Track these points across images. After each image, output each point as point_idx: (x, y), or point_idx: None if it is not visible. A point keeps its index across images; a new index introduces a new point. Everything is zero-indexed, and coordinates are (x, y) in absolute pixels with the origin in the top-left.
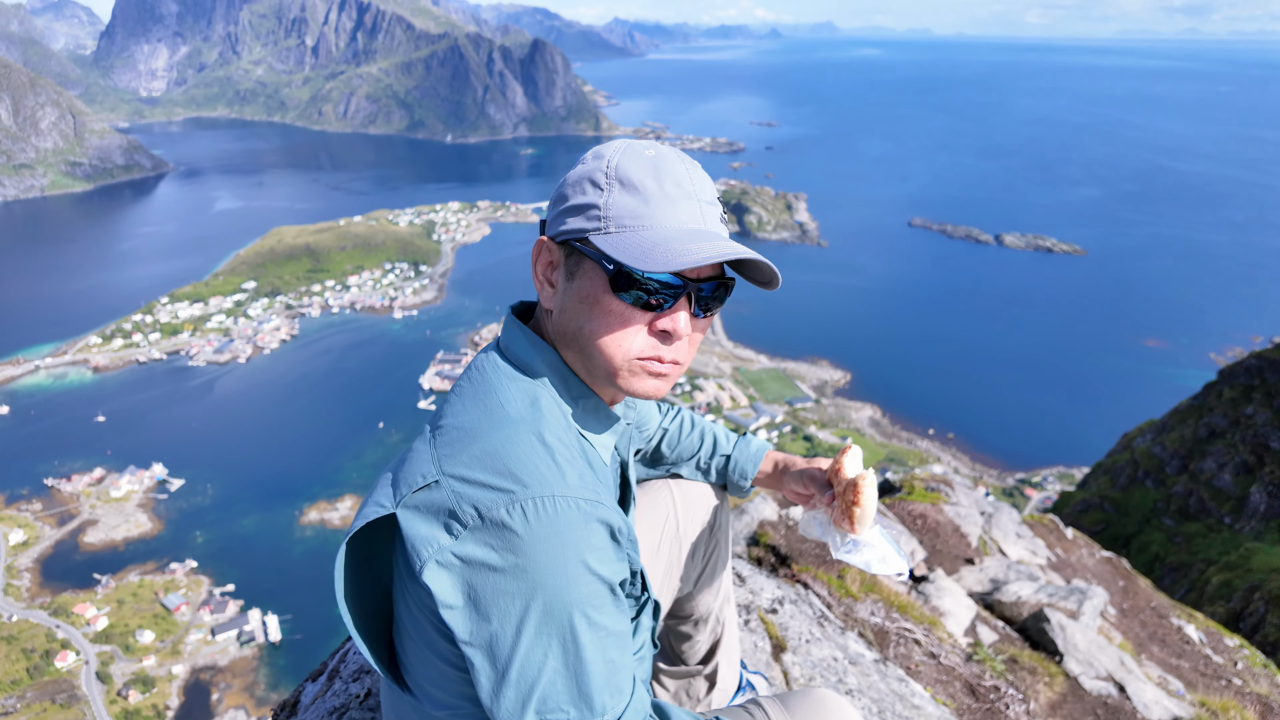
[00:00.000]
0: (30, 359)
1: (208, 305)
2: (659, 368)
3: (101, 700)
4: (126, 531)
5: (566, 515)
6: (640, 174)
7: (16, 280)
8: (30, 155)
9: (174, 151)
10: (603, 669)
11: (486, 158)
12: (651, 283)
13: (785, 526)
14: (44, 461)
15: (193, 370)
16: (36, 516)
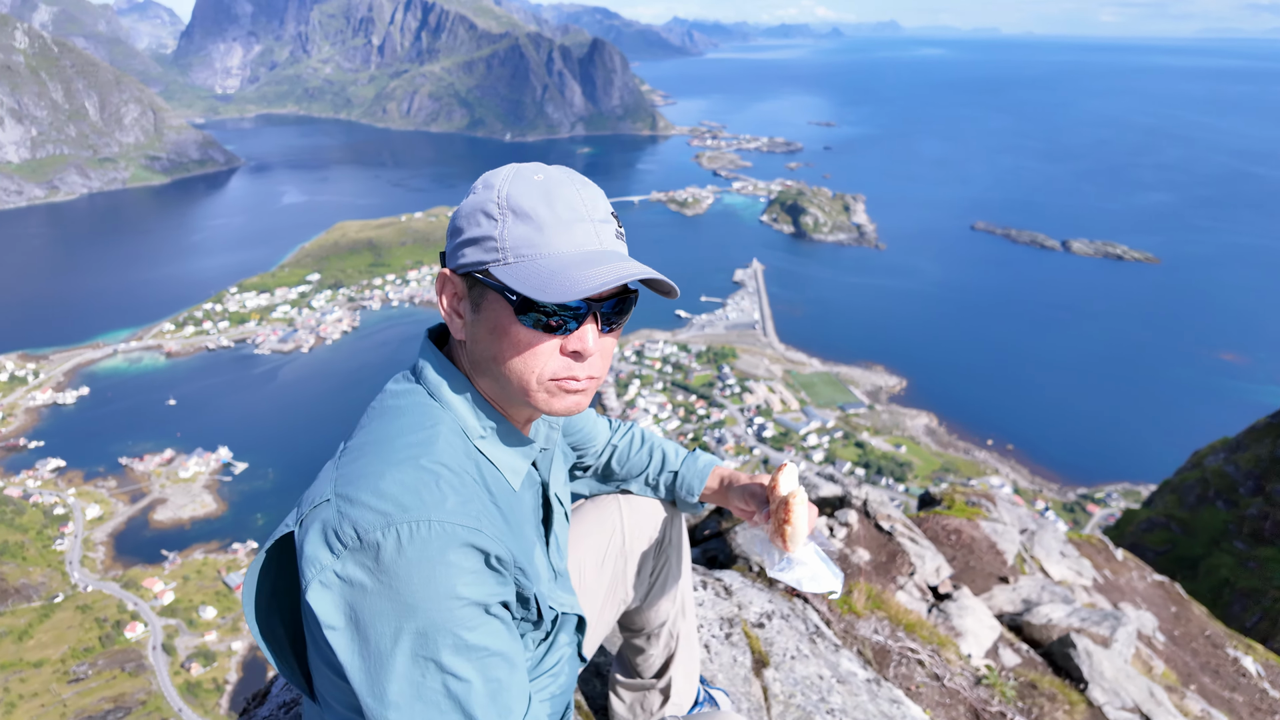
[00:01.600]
0: (109, 343)
1: (274, 296)
2: (575, 385)
3: (166, 671)
4: (193, 511)
5: (439, 540)
6: (531, 201)
7: (98, 268)
8: (114, 149)
9: (245, 147)
10: (484, 688)
11: (543, 156)
12: (550, 307)
13: None
14: (119, 441)
15: (258, 358)
16: (111, 493)
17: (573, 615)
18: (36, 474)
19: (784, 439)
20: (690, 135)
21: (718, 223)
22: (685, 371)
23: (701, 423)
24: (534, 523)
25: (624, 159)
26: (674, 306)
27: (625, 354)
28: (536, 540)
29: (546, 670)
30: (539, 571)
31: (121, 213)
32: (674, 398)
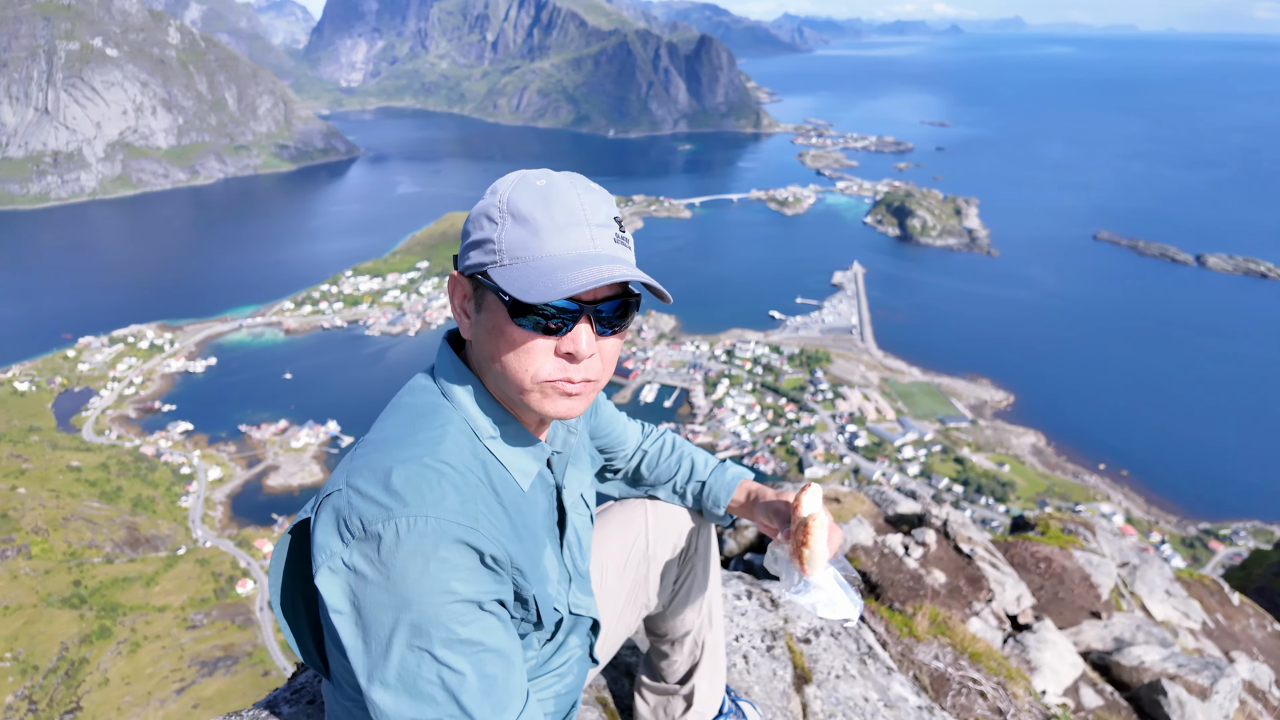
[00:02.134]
0: (236, 318)
1: (385, 280)
2: (570, 388)
3: (270, 628)
4: (302, 479)
5: (434, 536)
6: (529, 206)
7: (229, 248)
8: (248, 138)
9: (365, 138)
10: (478, 683)
11: (644, 153)
12: (548, 309)
13: (880, 553)
14: (240, 409)
15: (368, 339)
16: (231, 458)
17: (587, 618)
18: (168, 435)
19: (877, 449)
20: (794, 133)
21: (818, 223)
22: (776, 374)
23: (790, 427)
24: (546, 524)
25: (725, 156)
26: (767, 307)
27: (715, 353)
28: (548, 541)
29: (552, 670)
30: (547, 573)
31: (252, 197)
32: (763, 400)
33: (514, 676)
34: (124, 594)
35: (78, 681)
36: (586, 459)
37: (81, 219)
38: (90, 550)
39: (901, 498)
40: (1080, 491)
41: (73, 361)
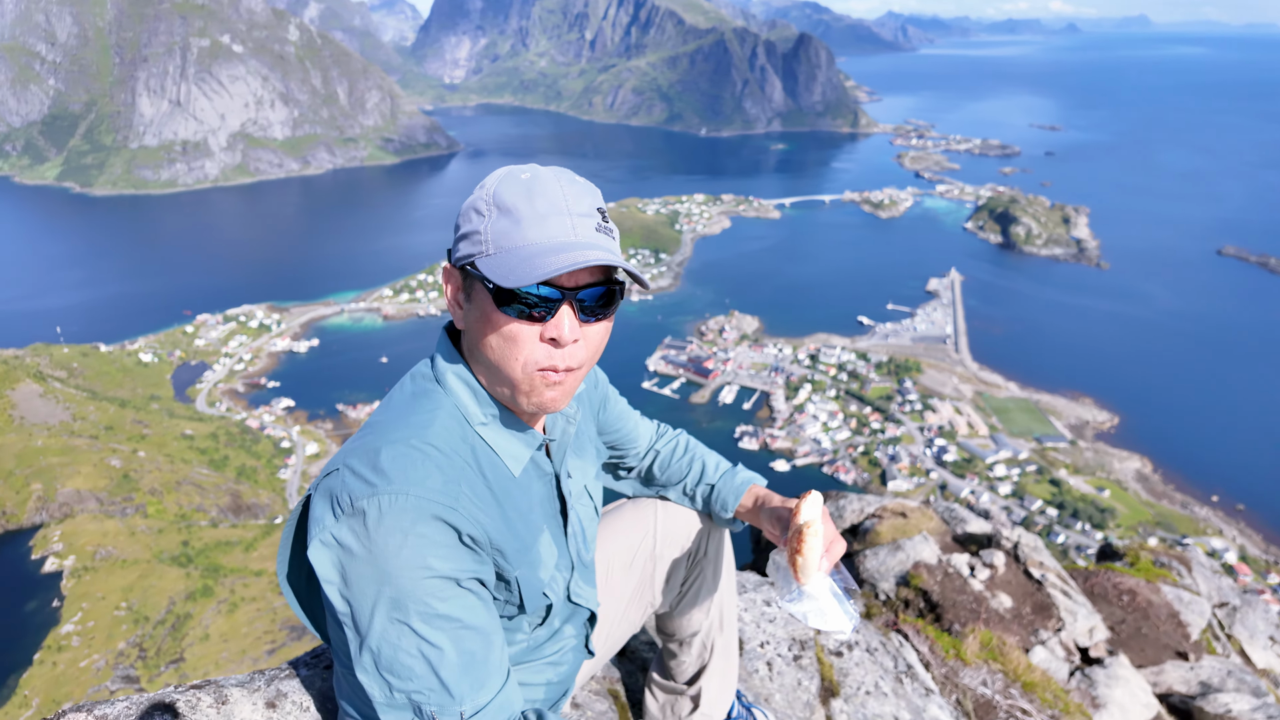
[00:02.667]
0: (338, 302)
1: None
2: (555, 377)
3: None
4: None
5: (413, 512)
6: (514, 197)
7: (335, 236)
8: (356, 131)
9: (465, 133)
10: (457, 659)
11: (735, 152)
12: (530, 296)
13: (943, 572)
14: (338, 389)
15: None
16: (327, 434)
17: (585, 609)
18: (271, 410)
19: (967, 466)
20: (893, 134)
21: (915, 227)
22: (862, 381)
23: (875, 437)
24: (544, 511)
25: (819, 156)
26: (856, 312)
27: (798, 357)
28: (545, 528)
29: (545, 656)
30: (541, 558)
31: (358, 188)
32: (846, 407)
33: (493, 655)
34: (226, 556)
35: (182, 634)
36: (592, 451)
37: (204, 204)
38: (198, 513)
39: (972, 516)
40: (1188, 523)
41: (190, 337)
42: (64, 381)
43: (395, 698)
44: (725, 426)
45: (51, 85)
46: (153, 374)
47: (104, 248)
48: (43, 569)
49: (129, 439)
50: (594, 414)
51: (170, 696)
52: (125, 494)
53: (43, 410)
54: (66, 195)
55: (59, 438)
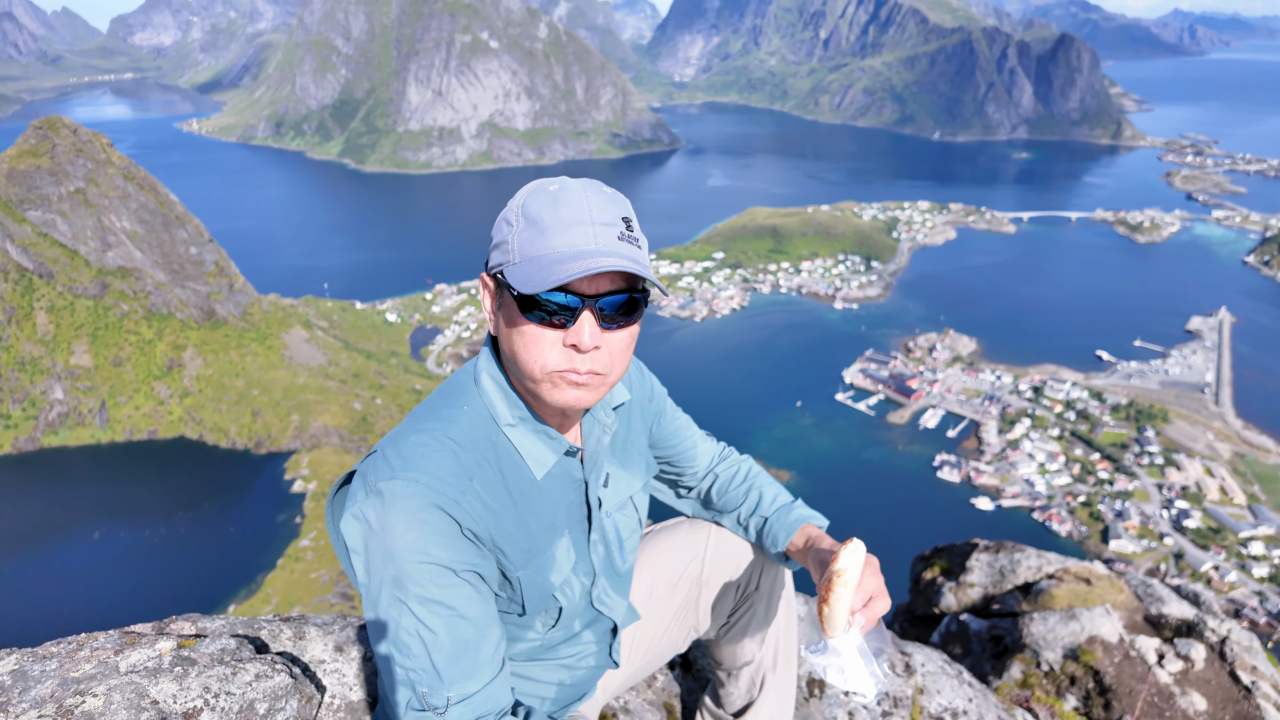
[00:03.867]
0: None
1: (682, 267)
2: (576, 378)
3: None
4: None
5: (419, 499)
6: (540, 208)
7: None
8: (588, 125)
9: (687, 130)
10: (450, 645)
11: (971, 158)
12: (550, 303)
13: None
14: None
15: (660, 319)
16: None
17: (608, 618)
18: None
19: (1213, 536)
20: (1164, 149)
21: (1180, 256)
22: (1093, 423)
23: (1100, 487)
24: (570, 516)
25: (1068, 169)
26: (1095, 345)
27: (1019, 387)
28: (567, 533)
29: (559, 658)
30: (555, 561)
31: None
32: (1070, 450)
33: (485, 648)
34: None
35: None
36: (640, 464)
37: (452, 185)
38: None
39: (1173, 596)
40: None
41: (429, 303)
42: (325, 331)
43: (395, 671)
44: (923, 453)
45: (343, 74)
46: (395, 332)
47: (368, 218)
48: (291, 488)
49: (370, 387)
50: (646, 427)
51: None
52: (362, 434)
53: (306, 353)
54: (344, 170)
55: (316, 378)
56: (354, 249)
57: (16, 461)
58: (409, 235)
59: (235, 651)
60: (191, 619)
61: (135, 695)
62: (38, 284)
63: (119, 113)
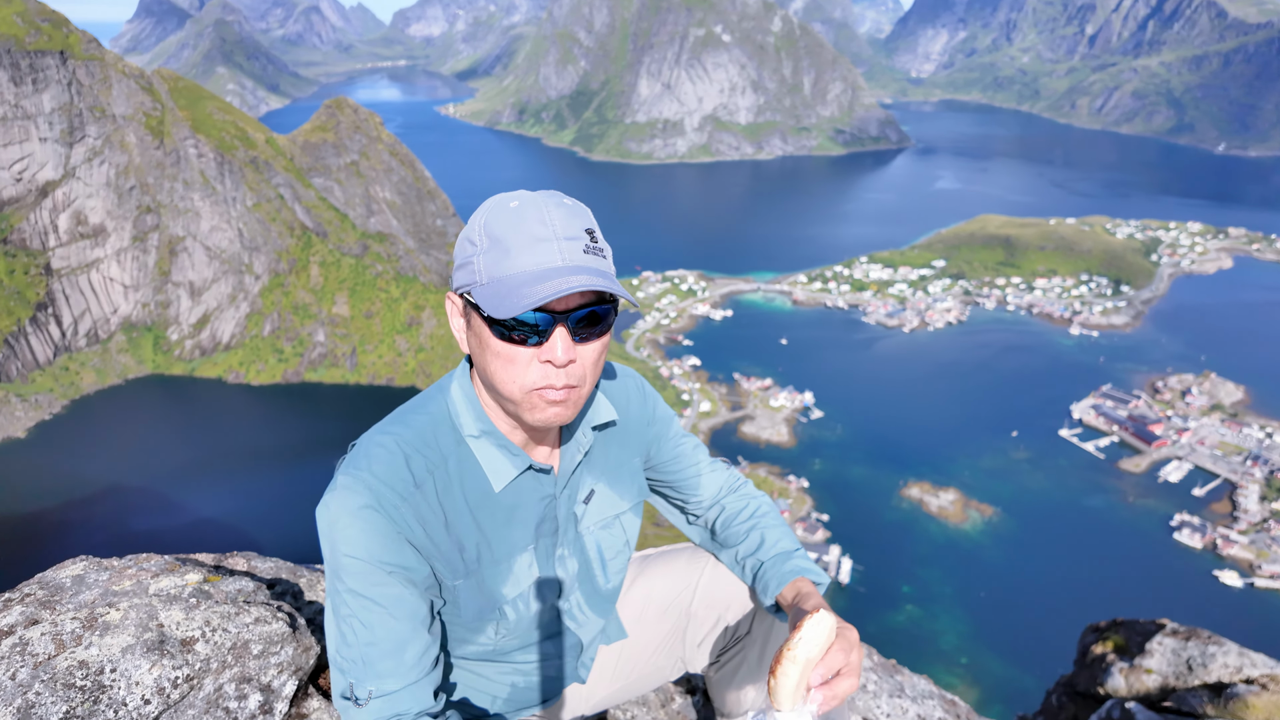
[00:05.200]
0: (756, 280)
1: (895, 272)
2: (554, 395)
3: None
4: (769, 435)
5: (358, 496)
6: (502, 227)
7: (768, 218)
8: (812, 120)
9: (919, 129)
10: (376, 641)
11: (1263, 177)
12: (523, 323)
13: None
14: (739, 359)
15: (863, 325)
16: (721, 398)
17: (573, 633)
18: (681, 364)
19: None
20: None
21: None
22: None
23: None
24: (535, 531)
25: None
26: None
27: None
28: (531, 547)
29: (513, 662)
30: (511, 573)
31: (800, 175)
32: None
33: (412, 649)
34: None
35: None
36: (631, 485)
37: (669, 177)
38: None
39: None
40: None
41: (634, 289)
42: None
43: (334, 656)
44: (1158, 508)
45: (582, 66)
46: None
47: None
48: None
49: None
50: (643, 450)
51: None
52: None
53: None
54: (573, 158)
55: None
56: None
57: (285, 390)
58: (623, 222)
59: (250, 594)
60: (247, 556)
61: (147, 616)
62: (314, 241)
63: (391, 95)
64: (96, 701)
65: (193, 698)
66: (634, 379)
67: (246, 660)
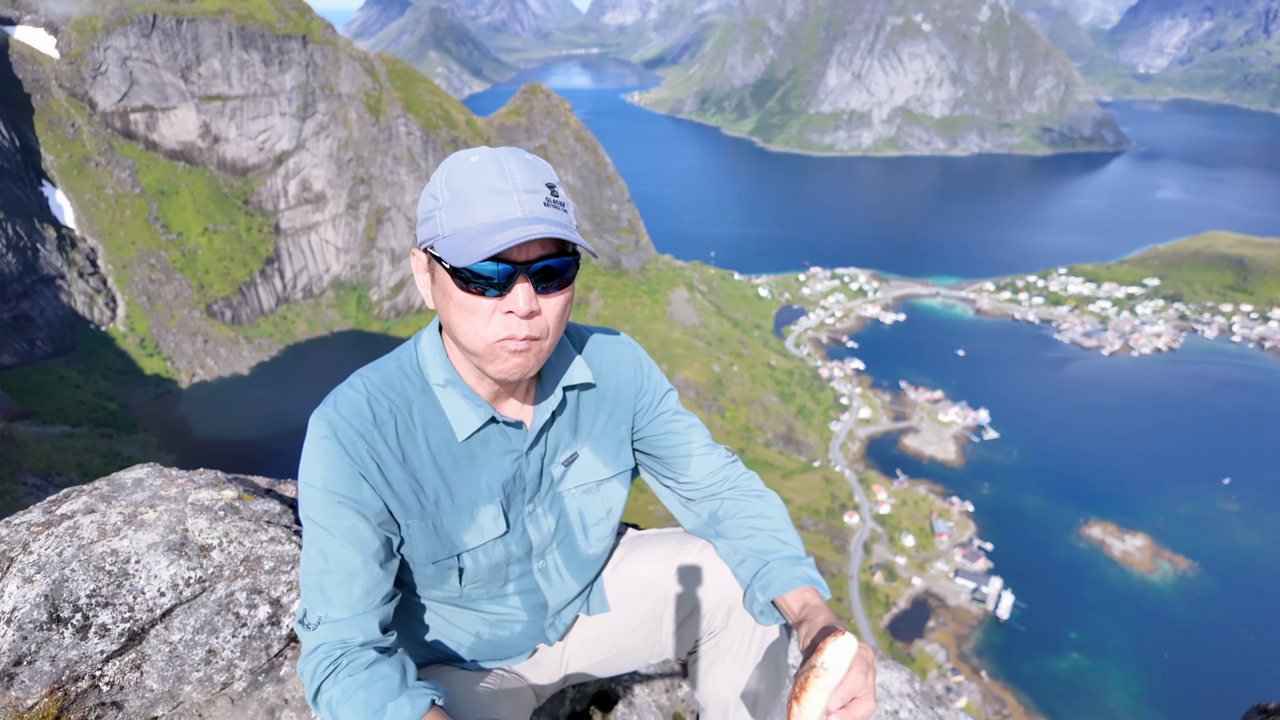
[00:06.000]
0: (935, 285)
1: (1098, 288)
2: (515, 345)
3: (857, 565)
4: (934, 451)
5: (322, 430)
6: (462, 181)
7: (955, 220)
8: (1015, 116)
9: (1141, 131)
10: (329, 568)
11: None
12: (484, 272)
13: None
14: (906, 366)
15: (1055, 343)
16: (883, 405)
17: (539, 591)
18: (843, 366)
19: None
20: None
21: None
22: None
23: None
24: (491, 481)
25: None
26: None
27: None
28: (496, 500)
29: (480, 611)
30: (474, 522)
31: (996, 175)
32: None
33: (361, 581)
34: (767, 474)
35: None
36: (614, 452)
37: (850, 170)
38: (757, 430)
39: None
40: None
41: (800, 284)
42: (704, 295)
43: (300, 581)
44: None
45: (769, 54)
46: (763, 307)
47: (763, 195)
48: None
49: (730, 353)
50: (628, 419)
51: None
52: (714, 394)
53: (684, 312)
54: (751, 148)
55: (688, 336)
56: (744, 222)
57: None
58: (797, 215)
59: (275, 516)
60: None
61: (175, 520)
62: None
63: (581, 82)
64: (119, 586)
65: (205, 598)
66: (629, 347)
67: (258, 574)
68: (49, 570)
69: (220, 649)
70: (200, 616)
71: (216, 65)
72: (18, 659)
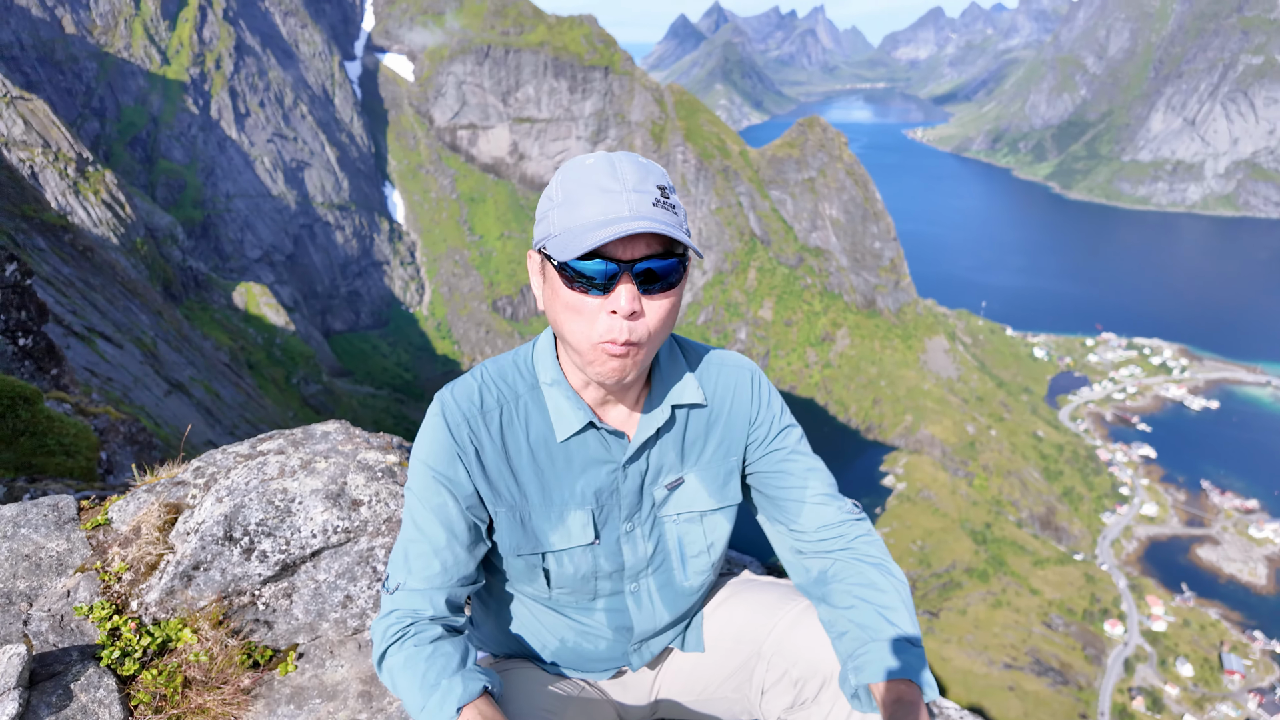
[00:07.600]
0: (1267, 374)
1: None
2: (615, 349)
3: (1113, 681)
4: (1235, 570)
5: (438, 409)
6: (575, 182)
7: None
8: None
9: None
10: (417, 539)
11: None
12: (587, 270)
13: None
14: (1212, 463)
15: None
16: (1174, 504)
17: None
18: (1128, 451)
19: None
20: None
21: None
22: None
23: None
24: (585, 487)
25: None
26: None
27: None
28: (589, 508)
29: (568, 618)
30: (564, 524)
31: None
32: None
33: (442, 559)
34: (1015, 558)
35: (946, 597)
36: (722, 485)
37: (1169, 228)
38: (1011, 506)
39: None
40: None
41: (1087, 349)
42: (966, 347)
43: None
44: None
45: (1081, 94)
46: (1036, 369)
47: (1052, 245)
48: (882, 480)
49: (989, 415)
50: (740, 447)
51: None
52: (964, 457)
53: (941, 362)
54: (1045, 193)
55: (941, 389)
56: (1025, 273)
57: None
58: (1092, 272)
59: None
60: None
61: (339, 472)
62: (757, 247)
63: (863, 116)
64: (282, 520)
65: (349, 548)
66: (749, 370)
67: (396, 536)
68: (235, 495)
69: (356, 597)
70: (343, 563)
71: (531, 91)
72: (196, 564)
